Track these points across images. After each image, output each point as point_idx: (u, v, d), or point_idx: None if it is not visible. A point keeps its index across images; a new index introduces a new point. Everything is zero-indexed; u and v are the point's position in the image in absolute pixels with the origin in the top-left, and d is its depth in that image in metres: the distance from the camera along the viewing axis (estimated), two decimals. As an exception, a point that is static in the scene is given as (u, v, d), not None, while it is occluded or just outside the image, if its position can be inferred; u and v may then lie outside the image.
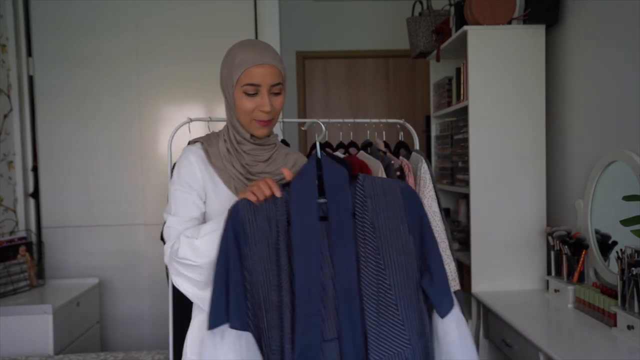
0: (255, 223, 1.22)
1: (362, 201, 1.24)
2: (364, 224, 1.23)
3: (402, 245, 1.23)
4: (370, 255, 1.21)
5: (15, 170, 3.07)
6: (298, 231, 1.20)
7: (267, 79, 1.31)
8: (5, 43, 3.04)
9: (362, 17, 4.27)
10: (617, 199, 1.90)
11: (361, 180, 1.25)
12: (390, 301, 1.20)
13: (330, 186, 1.23)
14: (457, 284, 2.00)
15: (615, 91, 2.14)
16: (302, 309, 1.17)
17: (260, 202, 1.22)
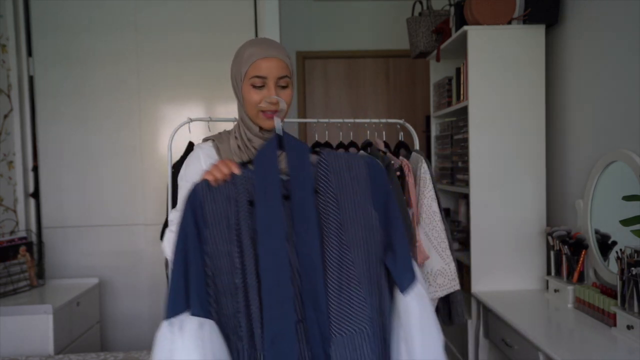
0: (214, 204, 1.18)
1: (326, 176, 1.21)
2: (326, 200, 1.20)
3: (366, 221, 1.20)
4: (333, 231, 1.19)
5: (15, 170, 3.07)
6: (261, 211, 1.17)
7: (274, 71, 1.34)
8: (5, 43, 3.04)
9: (362, 17, 4.27)
10: (617, 199, 1.90)
11: (325, 155, 1.24)
12: (353, 277, 1.18)
13: (292, 163, 1.21)
14: (457, 284, 2.00)
15: (615, 91, 2.14)
16: (270, 294, 1.14)
17: (219, 182, 1.20)
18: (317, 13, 4.27)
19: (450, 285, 1.99)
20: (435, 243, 2.00)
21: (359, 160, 1.25)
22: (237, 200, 1.19)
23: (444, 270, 1.99)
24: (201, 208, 1.18)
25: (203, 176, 1.22)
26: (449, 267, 1.99)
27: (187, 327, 1.12)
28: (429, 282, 2.00)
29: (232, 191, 1.20)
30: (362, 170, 1.23)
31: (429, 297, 1.26)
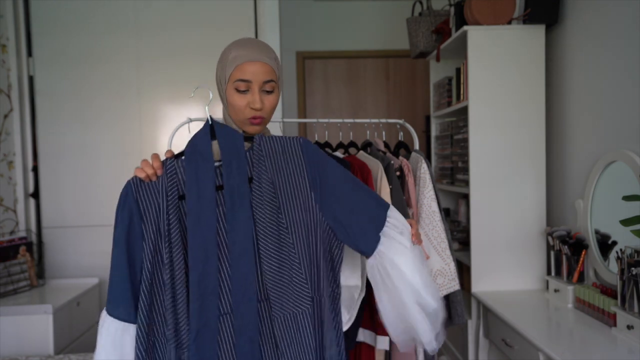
0: (146, 200, 1.20)
1: (260, 162, 1.23)
2: (261, 185, 1.21)
3: (304, 203, 1.22)
4: (271, 216, 1.20)
5: (15, 170, 3.07)
6: (192, 203, 1.18)
7: (259, 75, 1.30)
8: (5, 43, 3.04)
9: (362, 17, 4.28)
10: (617, 199, 1.90)
11: (257, 140, 1.25)
12: (294, 259, 1.20)
13: (225, 151, 1.21)
14: (457, 284, 2.00)
15: (615, 91, 2.14)
16: (197, 286, 1.15)
17: (150, 177, 1.22)
18: (317, 13, 4.27)
19: (450, 285, 1.99)
20: (435, 243, 1.99)
21: (292, 142, 1.26)
22: (167, 194, 1.19)
23: (444, 270, 1.99)
24: (136, 204, 1.19)
25: (134, 172, 1.23)
26: (448, 267, 1.99)
27: (105, 327, 1.20)
28: (429, 282, 1.99)
29: (163, 185, 1.20)
30: (297, 151, 1.25)
31: (395, 256, 1.27)
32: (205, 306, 1.15)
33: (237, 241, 1.18)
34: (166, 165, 1.22)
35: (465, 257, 2.72)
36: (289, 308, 1.20)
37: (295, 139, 1.26)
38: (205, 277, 1.15)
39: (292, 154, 1.24)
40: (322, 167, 1.25)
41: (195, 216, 1.17)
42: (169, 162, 1.22)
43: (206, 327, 1.15)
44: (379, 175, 1.88)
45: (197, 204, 1.17)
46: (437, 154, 3.23)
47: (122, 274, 1.19)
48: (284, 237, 1.20)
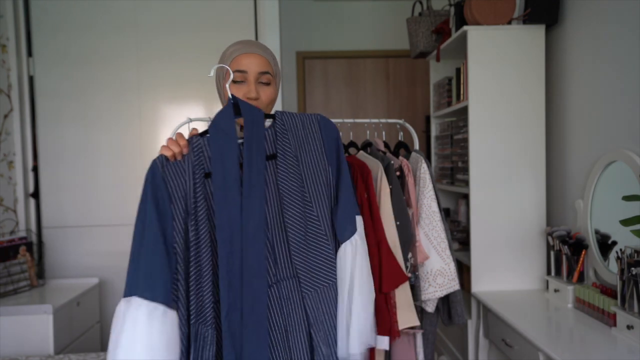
0: (176, 179, 1.18)
1: (284, 137, 1.25)
2: (286, 160, 1.23)
3: (325, 177, 1.24)
4: (296, 189, 1.22)
5: (15, 170, 3.07)
6: (218, 182, 1.17)
7: (254, 66, 1.33)
8: (5, 43, 3.04)
9: (362, 17, 4.27)
10: (617, 199, 1.90)
11: (279, 116, 1.27)
12: (320, 232, 1.21)
13: (248, 127, 1.22)
14: (457, 284, 2.00)
15: (615, 91, 2.14)
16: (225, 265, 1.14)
17: (176, 157, 1.20)
18: (317, 13, 4.27)
19: (450, 285, 1.98)
20: (435, 243, 1.99)
21: (310, 118, 1.29)
22: (193, 172, 1.19)
23: (444, 270, 1.98)
24: (165, 182, 1.18)
25: (160, 151, 1.22)
26: (448, 267, 1.98)
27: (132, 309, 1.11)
28: (429, 282, 1.99)
29: (189, 163, 1.19)
30: (315, 126, 1.28)
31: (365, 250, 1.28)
32: (233, 286, 1.15)
33: (251, 219, 1.17)
34: (192, 142, 1.22)
35: (465, 257, 2.72)
36: (319, 283, 1.20)
37: (314, 116, 1.29)
38: (232, 255, 1.15)
39: (311, 129, 1.26)
40: (336, 145, 1.28)
41: (222, 194, 1.17)
42: (195, 139, 1.22)
43: (235, 304, 1.15)
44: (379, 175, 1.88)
45: (223, 181, 1.17)
46: (437, 154, 3.23)
47: (158, 255, 1.13)
48: (308, 211, 1.22)
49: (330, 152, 1.26)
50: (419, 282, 1.99)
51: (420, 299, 1.99)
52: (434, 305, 2.02)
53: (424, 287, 1.99)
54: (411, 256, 1.96)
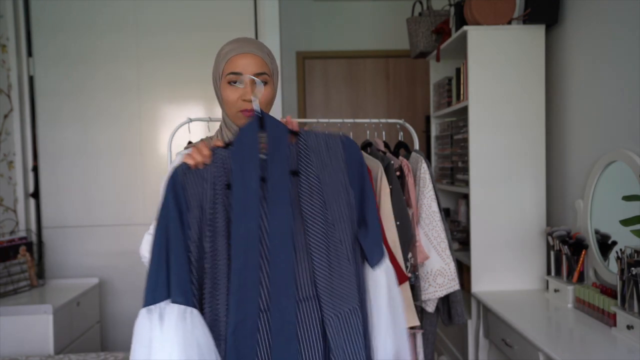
0: (193, 188, 1.17)
1: (307, 156, 1.22)
2: (309, 179, 1.20)
3: (346, 199, 1.21)
4: (318, 210, 1.19)
5: (15, 170, 3.07)
6: (238, 193, 1.16)
7: (250, 67, 1.30)
8: (5, 43, 3.04)
9: (362, 17, 4.27)
10: (617, 199, 1.90)
11: (303, 135, 1.24)
12: (342, 254, 1.18)
13: (270, 144, 1.20)
14: (457, 284, 2.00)
15: (615, 91, 2.14)
16: (238, 277, 1.12)
17: (199, 165, 1.18)
18: (317, 13, 4.27)
19: (450, 285, 1.99)
20: (435, 243, 1.99)
21: (335, 139, 1.26)
22: (214, 182, 1.18)
23: (444, 270, 1.99)
24: (183, 190, 1.17)
25: (183, 159, 1.20)
26: (448, 267, 1.99)
27: (167, 316, 1.09)
28: (429, 282, 2.00)
29: (210, 173, 1.18)
30: (339, 148, 1.24)
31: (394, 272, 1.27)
32: (244, 299, 1.12)
33: (276, 235, 1.16)
34: (215, 153, 1.20)
35: (465, 257, 2.72)
36: (340, 306, 1.17)
37: (338, 136, 1.26)
38: (245, 269, 1.13)
39: (335, 150, 1.23)
40: (360, 167, 1.25)
41: (240, 206, 1.15)
42: (218, 150, 1.20)
43: (244, 321, 1.12)
44: (379, 175, 1.88)
45: (242, 194, 1.15)
46: (437, 154, 3.23)
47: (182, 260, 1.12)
48: (330, 233, 1.19)
49: (353, 174, 1.24)
50: (419, 282, 1.99)
51: (420, 299, 1.99)
52: (434, 305, 2.02)
53: (424, 287, 1.99)
54: (411, 256, 1.96)
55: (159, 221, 1.15)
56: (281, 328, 1.13)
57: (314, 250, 1.17)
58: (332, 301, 1.17)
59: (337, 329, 1.16)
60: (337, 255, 1.18)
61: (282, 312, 1.14)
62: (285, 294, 1.14)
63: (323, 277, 1.17)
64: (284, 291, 1.14)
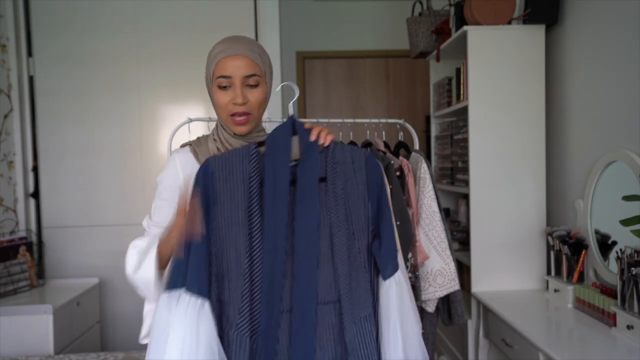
0: (227, 182, 1.20)
1: (333, 167, 1.25)
2: (335, 189, 1.24)
3: (365, 211, 1.26)
4: (342, 218, 1.23)
5: (15, 170, 3.07)
6: (269, 193, 1.18)
7: (239, 70, 1.27)
8: (5, 43, 3.04)
9: (362, 17, 4.27)
10: (617, 199, 1.90)
11: (332, 146, 1.26)
12: (360, 264, 1.23)
13: (303, 148, 1.23)
14: (457, 284, 2.00)
15: (615, 91, 2.14)
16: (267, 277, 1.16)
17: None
18: (317, 13, 4.27)
19: (450, 285, 1.99)
20: (435, 243, 2.00)
21: (359, 153, 1.29)
22: (249, 179, 1.20)
23: (444, 270, 1.99)
24: (212, 183, 1.19)
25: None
26: (448, 267, 1.99)
27: (180, 304, 1.13)
28: (429, 282, 2.00)
29: (243, 170, 1.21)
30: (362, 162, 1.28)
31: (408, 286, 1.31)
32: (272, 299, 1.16)
33: (303, 238, 1.19)
34: (250, 150, 1.22)
35: (465, 257, 2.72)
36: (357, 313, 1.22)
37: (363, 151, 1.30)
38: (274, 269, 1.16)
39: (359, 164, 1.28)
40: (380, 183, 1.29)
41: (270, 206, 1.18)
42: (253, 148, 1.23)
43: (271, 319, 1.16)
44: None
45: (272, 194, 1.18)
46: (437, 154, 3.23)
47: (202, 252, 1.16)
48: (351, 242, 1.23)
49: (373, 189, 1.27)
50: (419, 282, 1.99)
51: (421, 299, 1.99)
52: (434, 305, 2.02)
53: (424, 287, 1.99)
54: (411, 256, 1.96)
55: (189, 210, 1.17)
56: (300, 328, 1.17)
57: (337, 257, 1.22)
58: (351, 307, 1.21)
59: (353, 334, 1.21)
60: (356, 264, 1.23)
61: (303, 313, 1.17)
62: (307, 296, 1.18)
63: (344, 284, 1.21)
64: (306, 293, 1.18)
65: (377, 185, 1.28)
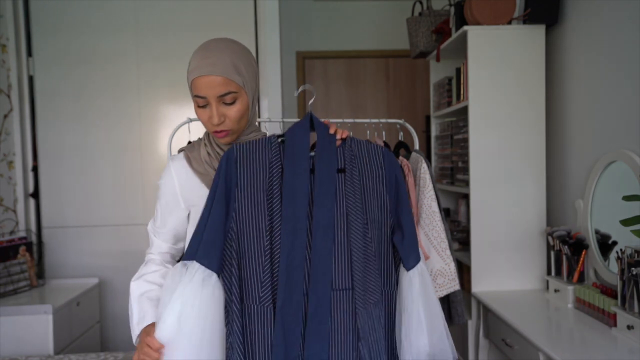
0: (248, 167, 1.26)
1: (351, 158, 1.31)
2: (353, 180, 1.29)
3: (381, 203, 1.31)
4: (359, 209, 1.28)
5: (15, 170, 3.07)
6: (289, 179, 1.25)
7: (213, 90, 1.26)
8: (5, 43, 3.04)
9: (362, 17, 4.27)
10: (617, 199, 1.90)
11: (349, 141, 1.33)
12: (371, 253, 1.28)
13: (320, 142, 1.29)
14: (457, 284, 2.00)
15: (615, 91, 2.14)
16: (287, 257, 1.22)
17: None
18: (317, 13, 4.27)
19: (450, 285, 1.99)
20: (435, 243, 1.99)
21: (376, 147, 1.35)
22: (270, 166, 1.26)
23: (444, 270, 1.99)
24: (235, 167, 1.25)
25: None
26: (448, 267, 1.98)
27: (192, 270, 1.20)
28: (429, 282, 1.99)
29: (267, 157, 1.27)
30: (379, 156, 1.34)
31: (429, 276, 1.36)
32: (290, 279, 1.21)
33: (320, 225, 1.24)
34: (271, 141, 1.29)
35: (465, 257, 2.72)
36: (368, 298, 1.26)
37: (379, 147, 1.36)
38: (293, 250, 1.22)
39: (375, 157, 1.33)
40: (397, 175, 1.34)
41: (290, 192, 1.24)
42: (274, 139, 1.30)
43: (290, 299, 1.21)
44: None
45: (292, 180, 1.24)
46: (437, 154, 3.23)
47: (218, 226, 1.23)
48: (366, 231, 1.28)
49: (391, 182, 1.32)
50: (419, 282, 1.99)
51: (421, 299, 1.99)
52: (434, 305, 2.02)
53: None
54: (411, 256, 1.96)
55: (210, 190, 1.26)
56: (315, 312, 1.22)
57: (353, 245, 1.26)
58: (362, 294, 1.26)
59: (364, 319, 1.26)
60: (368, 252, 1.28)
61: (319, 297, 1.22)
62: (322, 281, 1.23)
63: (358, 271, 1.26)
64: (322, 278, 1.23)
65: (396, 179, 1.33)
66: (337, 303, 1.24)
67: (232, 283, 1.23)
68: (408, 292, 1.30)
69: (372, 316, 1.27)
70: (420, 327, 1.28)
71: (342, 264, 1.25)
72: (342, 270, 1.24)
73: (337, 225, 1.25)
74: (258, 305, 1.22)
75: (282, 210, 1.23)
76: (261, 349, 1.22)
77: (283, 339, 1.20)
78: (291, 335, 1.21)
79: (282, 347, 1.20)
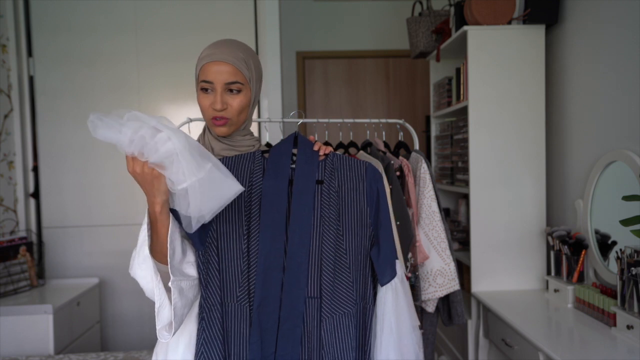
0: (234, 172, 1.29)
1: (331, 171, 1.34)
2: (330, 191, 1.31)
3: (360, 216, 1.32)
4: (333, 219, 1.29)
5: (15, 170, 3.07)
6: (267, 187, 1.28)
7: (221, 76, 1.31)
8: (5, 43, 3.04)
9: (362, 17, 4.28)
10: (617, 199, 1.90)
11: (331, 156, 1.36)
12: (344, 264, 1.29)
13: (301, 156, 1.33)
14: (457, 284, 2.00)
15: (615, 91, 2.14)
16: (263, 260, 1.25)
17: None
18: (317, 13, 4.27)
19: (450, 285, 1.99)
20: (435, 243, 2.00)
21: (358, 163, 1.37)
22: (251, 176, 1.30)
23: (444, 270, 1.99)
24: None
25: None
26: (448, 267, 1.99)
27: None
28: (429, 282, 2.00)
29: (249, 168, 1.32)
30: (361, 171, 1.35)
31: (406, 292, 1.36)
32: (268, 279, 1.24)
33: (296, 233, 1.27)
34: (255, 155, 1.34)
35: (465, 257, 2.72)
36: (337, 309, 1.27)
37: (363, 161, 1.38)
38: (271, 254, 1.25)
39: (357, 172, 1.35)
40: (379, 192, 1.35)
41: (269, 198, 1.28)
42: (258, 153, 1.35)
43: (267, 299, 1.24)
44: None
45: (272, 187, 1.28)
46: (437, 154, 3.23)
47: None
48: (339, 242, 1.29)
49: (372, 197, 1.33)
50: (419, 282, 1.99)
51: (420, 299, 1.99)
52: (434, 305, 2.03)
53: (424, 287, 2.00)
54: (411, 256, 1.97)
55: None
56: (288, 316, 1.25)
57: (324, 254, 1.28)
58: (330, 303, 1.27)
59: (331, 328, 1.28)
60: (341, 263, 1.29)
61: (292, 302, 1.25)
62: (297, 286, 1.25)
63: (327, 281, 1.27)
64: (296, 284, 1.25)
65: (377, 194, 1.34)
66: (307, 310, 1.26)
67: (213, 281, 1.27)
68: (380, 307, 1.32)
69: (341, 326, 1.28)
70: (389, 344, 1.30)
71: (313, 273, 1.27)
72: (313, 278, 1.27)
73: (311, 235, 1.28)
74: (236, 304, 1.26)
75: (260, 217, 1.27)
76: (237, 345, 1.26)
77: (259, 336, 1.24)
78: (266, 333, 1.24)
79: (259, 344, 1.24)
